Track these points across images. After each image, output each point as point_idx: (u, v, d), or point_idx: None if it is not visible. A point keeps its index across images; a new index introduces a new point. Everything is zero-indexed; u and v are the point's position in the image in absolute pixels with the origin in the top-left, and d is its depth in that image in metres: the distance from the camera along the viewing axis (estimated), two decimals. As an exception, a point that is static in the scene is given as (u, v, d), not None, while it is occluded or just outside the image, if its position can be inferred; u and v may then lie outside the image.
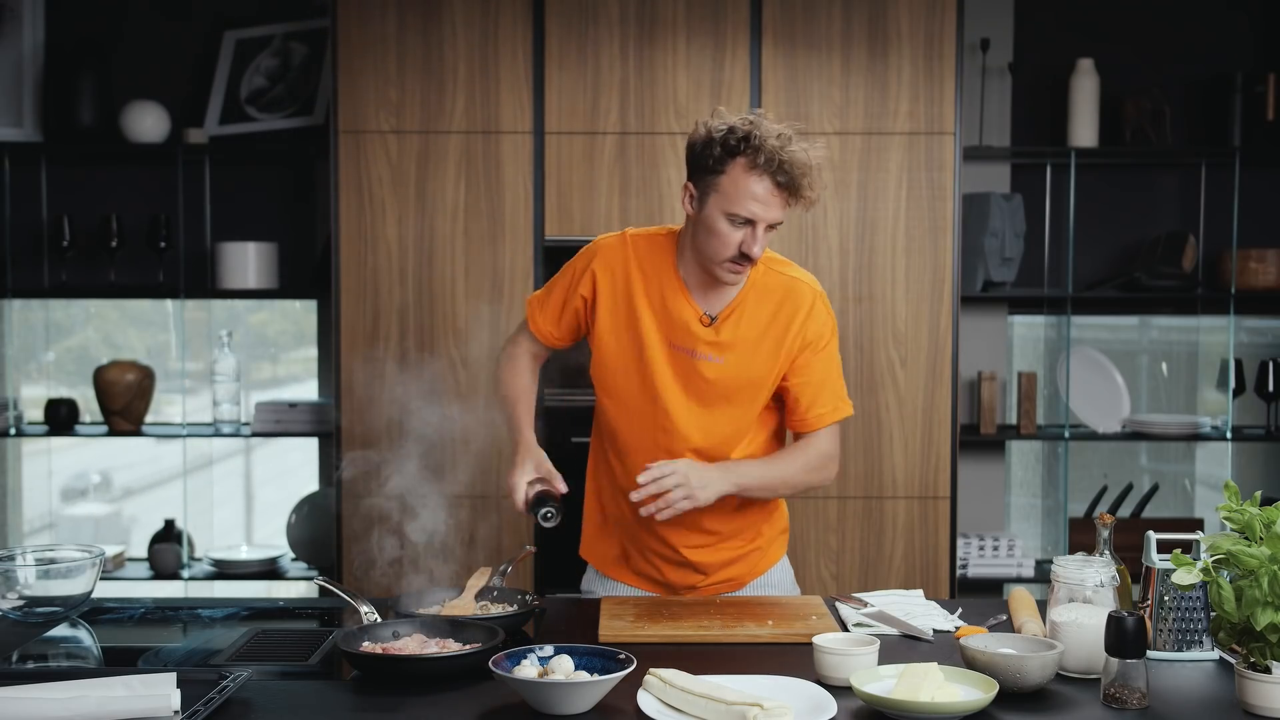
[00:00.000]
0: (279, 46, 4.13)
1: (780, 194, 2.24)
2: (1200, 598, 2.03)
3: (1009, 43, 4.19)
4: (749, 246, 2.25)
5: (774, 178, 2.22)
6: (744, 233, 2.25)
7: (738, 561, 2.49)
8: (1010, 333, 4.34)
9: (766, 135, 2.22)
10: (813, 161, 2.25)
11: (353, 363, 3.63)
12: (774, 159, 2.20)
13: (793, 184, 2.22)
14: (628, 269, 2.40)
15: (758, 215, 2.23)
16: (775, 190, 2.23)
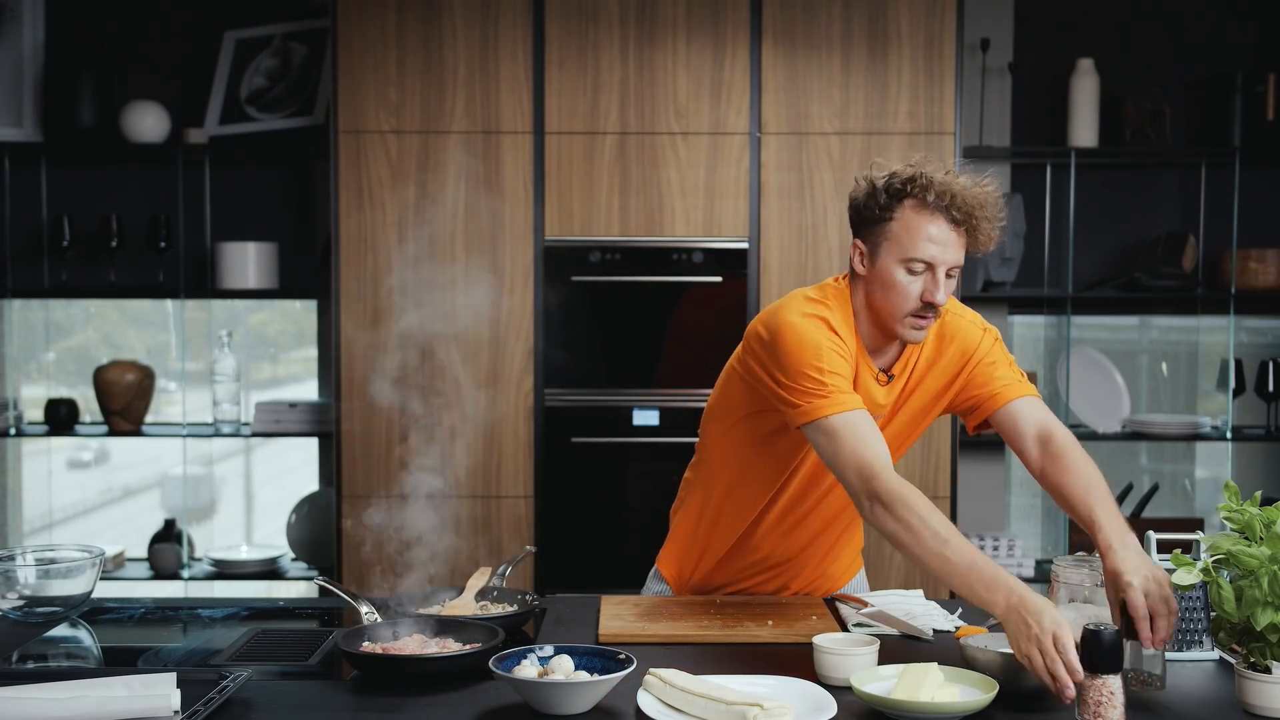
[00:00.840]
0: (279, 46, 4.13)
1: (957, 231, 2.09)
2: (1200, 598, 2.03)
3: (1009, 43, 4.19)
4: (931, 294, 2.08)
5: (947, 214, 2.08)
6: (924, 280, 2.09)
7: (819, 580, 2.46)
8: (1010, 333, 4.34)
9: (933, 172, 2.09)
10: (989, 196, 2.11)
11: (353, 363, 3.63)
12: (945, 193, 2.07)
13: (969, 219, 2.08)
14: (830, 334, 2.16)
15: (936, 258, 2.08)
16: (951, 228, 2.08)
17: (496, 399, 3.63)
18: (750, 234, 3.60)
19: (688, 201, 3.59)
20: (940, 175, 2.09)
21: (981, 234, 2.11)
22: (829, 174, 3.60)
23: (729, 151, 3.59)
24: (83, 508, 4.66)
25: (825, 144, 3.60)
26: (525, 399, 3.63)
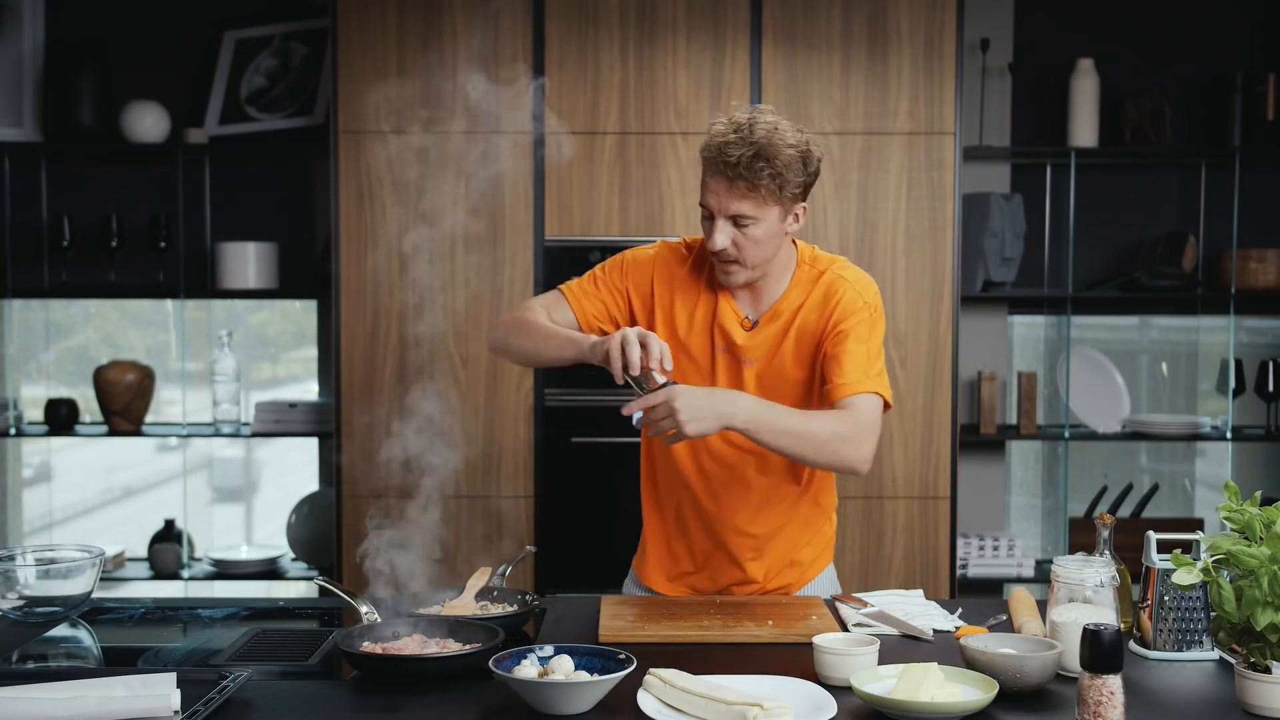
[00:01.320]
0: (279, 46, 4.13)
1: (727, 182, 2.18)
2: (1200, 598, 2.03)
3: (1009, 43, 4.19)
4: (710, 239, 2.22)
5: (717, 163, 2.18)
6: (708, 226, 2.24)
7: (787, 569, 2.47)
8: (1010, 333, 4.34)
9: (718, 123, 2.20)
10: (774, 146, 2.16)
11: (353, 363, 3.63)
12: (711, 145, 2.19)
13: (737, 171, 2.16)
14: (678, 276, 2.37)
15: (710, 205, 2.22)
16: (722, 178, 2.18)
17: (496, 399, 3.63)
18: (750, 234, 3.60)
19: (688, 201, 3.59)
20: (720, 126, 2.19)
21: (757, 185, 2.17)
22: (829, 174, 3.60)
23: (729, 151, 3.59)
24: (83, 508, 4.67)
25: (825, 144, 3.59)
26: (525, 399, 3.63)
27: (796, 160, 2.19)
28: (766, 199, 2.19)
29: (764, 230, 2.22)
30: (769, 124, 2.19)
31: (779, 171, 2.17)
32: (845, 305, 2.29)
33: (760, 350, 2.33)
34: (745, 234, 2.21)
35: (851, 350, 2.26)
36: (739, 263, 2.25)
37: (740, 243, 2.22)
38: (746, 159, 2.15)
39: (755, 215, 2.20)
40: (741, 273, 2.27)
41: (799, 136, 2.21)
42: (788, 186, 2.20)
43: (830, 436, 2.17)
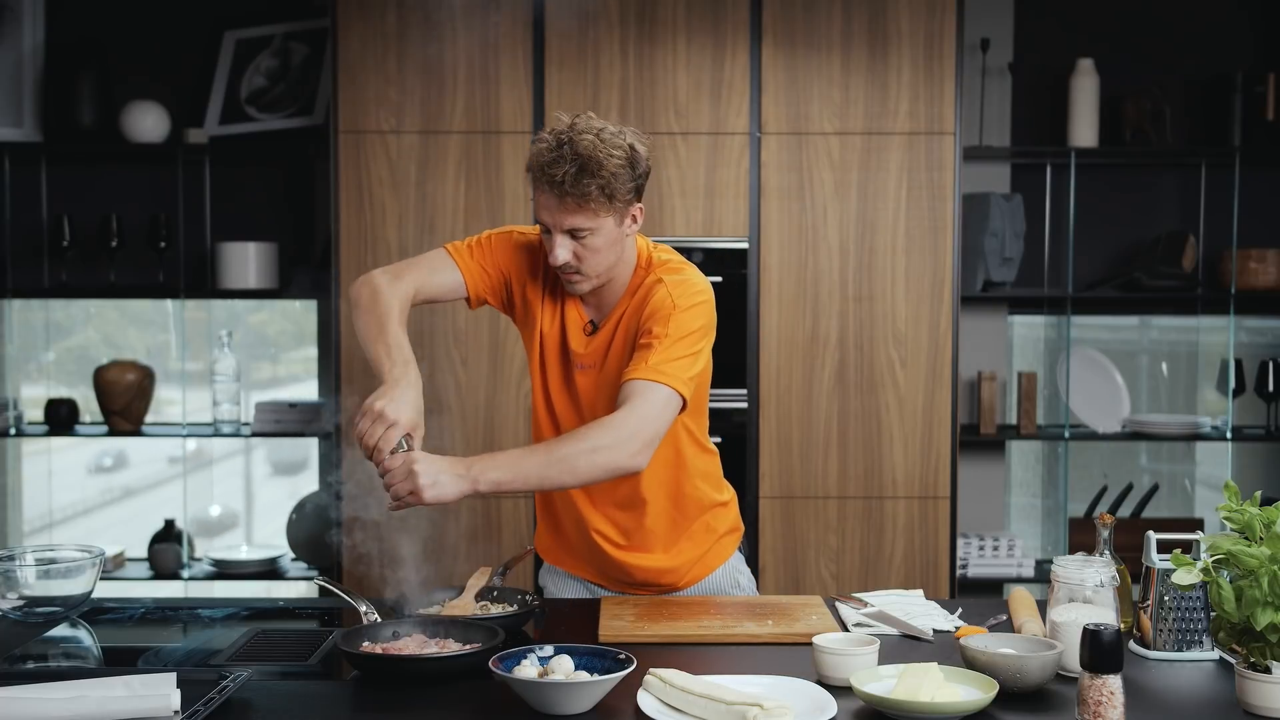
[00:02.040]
0: (279, 46, 4.13)
1: (557, 199, 2.16)
2: (1200, 598, 2.03)
3: (1009, 43, 4.19)
4: (551, 254, 2.21)
5: (544, 181, 2.17)
6: (548, 241, 2.22)
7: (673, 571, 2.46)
8: (1010, 333, 4.34)
9: (542, 137, 2.19)
10: (597, 158, 2.13)
11: (353, 363, 3.63)
12: (536, 163, 2.17)
13: (564, 188, 2.14)
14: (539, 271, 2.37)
15: (545, 221, 2.21)
16: (552, 195, 2.17)
17: (496, 399, 3.63)
18: (750, 234, 3.60)
19: (688, 201, 3.59)
20: (542, 143, 2.17)
21: (593, 199, 2.15)
22: (829, 174, 3.60)
23: (729, 151, 3.59)
24: (83, 508, 4.67)
25: (825, 144, 3.60)
26: (525, 399, 3.63)
27: (623, 167, 2.17)
28: (598, 210, 2.18)
29: (602, 239, 2.21)
30: (590, 135, 2.16)
31: (606, 182, 2.15)
32: (653, 305, 2.26)
33: (593, 357, 2.33)
34: (584, 245, 2.21)
35: (650, 344, 2.22)
36: (581, 273, 2.25)
37: (580, 254, 2.21)
38: (571, 176, 2.14)
39: (591, 226, 2.19)
40: (585, 281, 2.26)
41: (621, 141, 2.18)
42: (618, 194, 2.18)
43: (583, 452, 2.11)
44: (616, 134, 2.19)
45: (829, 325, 3.62)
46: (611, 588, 2.49)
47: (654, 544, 2.42)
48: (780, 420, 3.63)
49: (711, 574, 2.50)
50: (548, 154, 2.16)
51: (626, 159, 2.18)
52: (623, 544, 2.42)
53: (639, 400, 2.16)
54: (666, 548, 2.44)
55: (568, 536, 2.48)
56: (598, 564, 2.46)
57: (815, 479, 3.64)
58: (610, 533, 2.41)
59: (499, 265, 2.38)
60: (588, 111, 2.24)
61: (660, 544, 2.43)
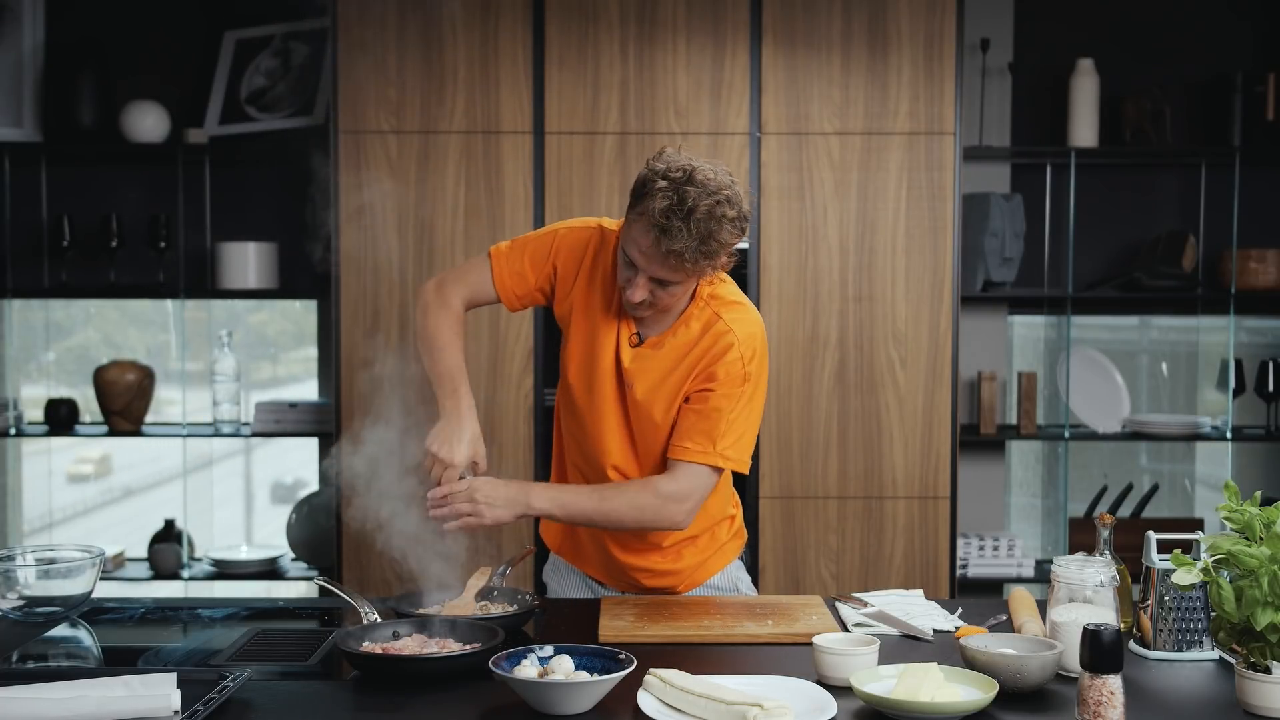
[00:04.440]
0: (279, 46, 4.13)
1: (660, 255, 2.10)
2: (1200, 598, 2.03)
3: (1009, 43, 4.19)
4: (627, 288, 2.17)
5: (655, 237, 2.09)
6: (628, 275, 2.17)
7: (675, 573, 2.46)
8: (1010, 333, 4.34)
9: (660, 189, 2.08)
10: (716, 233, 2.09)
11: (353, 363, 3.63)
12: (653, 213, 2.08)
13: (674, 253, 2.08)
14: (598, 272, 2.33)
15: (637, 261, 2.14)
16: (655, 248, 2.10)
17: (496, 398, 3.63)
18: (750, 234, 3.60)
19: (688, 201, 3.59)
20: (662, 200, 2.07)
21: (685, 267, 2.11)
22: (829, 174, 3.60)
23: (729, 151, 3.59)
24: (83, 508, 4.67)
25: (825, 144, 3.60)
26: (525, 399, 3.63)
27: (736, 235, 2.13)
28: (697, 274, 2.16)
29: (683, 289, 2.20)
30: (710, 202, 2.07)
31: (715, 254, 2.12)
32: (726, 366, 2.23)
33: (643, 376, 2.28)
34: (666, 291, 2.17)
35: (710, 412, 2.23)
36: (654, 310, 2.23)
37: (658, 296, 2.18)
38: (691, 251, 2.08)
39: (679, 280, 2.16)
40: (655, 321, 2.27)
41: (736, 207, 2.11)
42: (719, 263, 2.15)
43: (631, 510, 2.24)
44: (730, 187, 2.11)
45: (829, 325, 3.62)
46: (613, 586, 2.49)
47: (659, 550, 2.43)
48: (780, 420, 3.63)
49: (711, 578, 2.51)
50: (667, 219, 2.07)
51: (739, 228, 2.13)
52: (631, 545, 2.42)
53: (697, 480, 2.25)
54: (671, 554, 2.45)
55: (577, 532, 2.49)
56: (602, 561, 2.47)
57: (815, 479, 3.64)
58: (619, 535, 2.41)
59: (537, 269, 2.34)
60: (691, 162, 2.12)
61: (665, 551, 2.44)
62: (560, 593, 2.56)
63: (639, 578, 2.45)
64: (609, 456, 2.35)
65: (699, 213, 2.07)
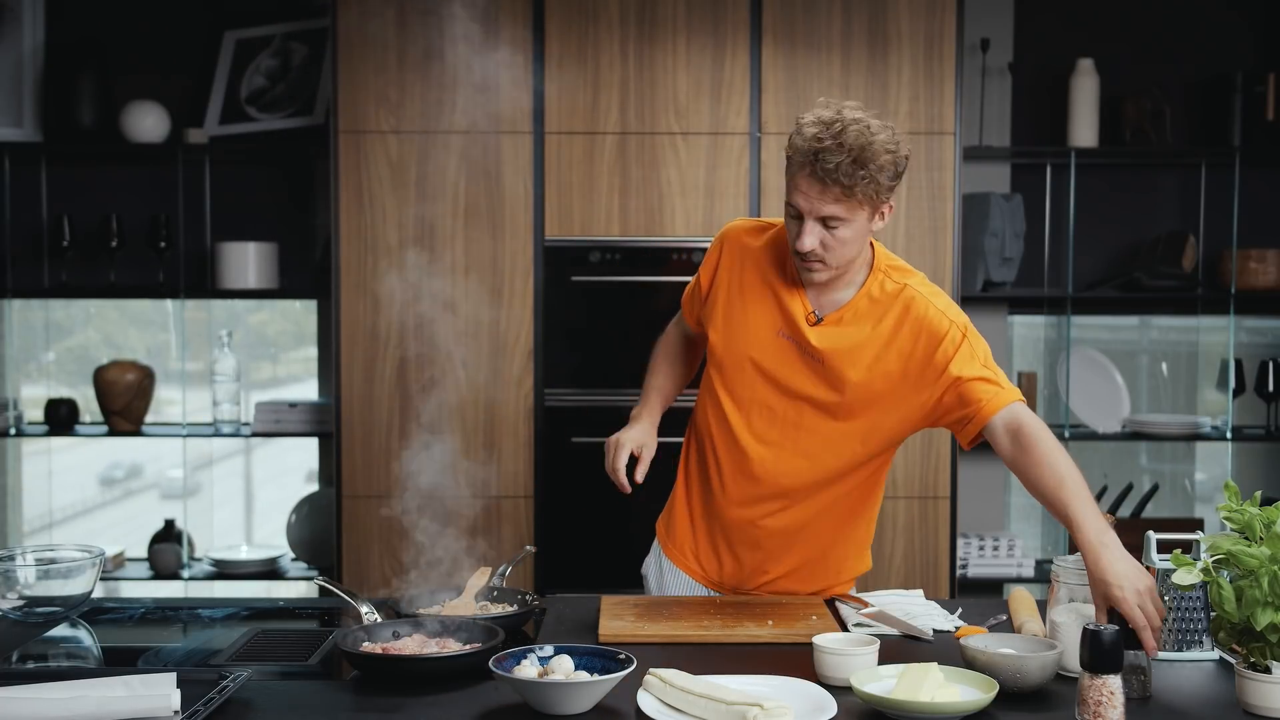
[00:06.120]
0: (279, 46, 4.13)
1: (820, 185, 2.13)
2: (1200, 598, 2.03)
3: (1009, 43, 4.19)
4: (797, 240, 2.19)
5: (811, 167, 2.14)
6: (795, 227, 2.20)
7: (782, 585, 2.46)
8: (1010, 333, 4.34)
9: (808, 124, 2.16)
10: (871, 150, 2.12)
11: (353, 363, 3.63)
12: (804, 148, 2.14)
13: (834, 177, 2.11)
14: (750, 256, 2.36)
15: (801, 207, 2.17)
16: (815, 181, 2.14)
17: (496, 399, 3.63)
18: (750, 234, 3.60)
19: (688, 201, 3.59)
20: (811, 128, 2.15)
21: (859, 191, 2.14)
22: (829, 174, 3.59)
23: (729, 151, 3.60)
24: (83, 508, 4.67)
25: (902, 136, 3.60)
26: (525, 399, 3.63)
27: (891, 163, 2.15)
28: (861, 202, 2.15)
29: (853, 231, 2.19)
30: (860, 126, 2.14)
31: (874, 176, 2.13)
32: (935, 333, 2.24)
33: (831, 352, 2.27)
34: (834, 235, 2.18)
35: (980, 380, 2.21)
36: (824, 262, 2.22)
37: (828, 243, 2.19)
38: (846, 165, 2.11)
39: (846, 217, 2.17)
40: (825, 272, 2.23)
41: (891, 137, 2.16)
42: (882, 189, 2.16)
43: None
44: (884, 128, 2.17)
45: (829, 325, 3.62)
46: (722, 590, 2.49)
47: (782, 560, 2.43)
48: (780, 420, 3.63)
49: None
50: (819, 141, 2.13)
51: (896, 155, 2.16)
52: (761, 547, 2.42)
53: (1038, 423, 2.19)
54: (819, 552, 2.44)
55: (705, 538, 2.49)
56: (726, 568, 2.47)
57: (815, 479, 3.64)
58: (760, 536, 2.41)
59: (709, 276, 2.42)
60: (847, 102, 2.20)
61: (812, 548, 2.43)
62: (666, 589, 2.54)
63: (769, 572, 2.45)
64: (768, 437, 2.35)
65: (849, 133, 2.12)
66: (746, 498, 2.38)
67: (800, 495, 2.35)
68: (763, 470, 2.35)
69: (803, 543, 2.41)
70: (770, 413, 2.33)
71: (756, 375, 2.33)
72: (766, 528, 2.38)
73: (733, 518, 2.41)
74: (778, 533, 2.39)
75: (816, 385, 2.29)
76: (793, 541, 2.40)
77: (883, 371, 2.26)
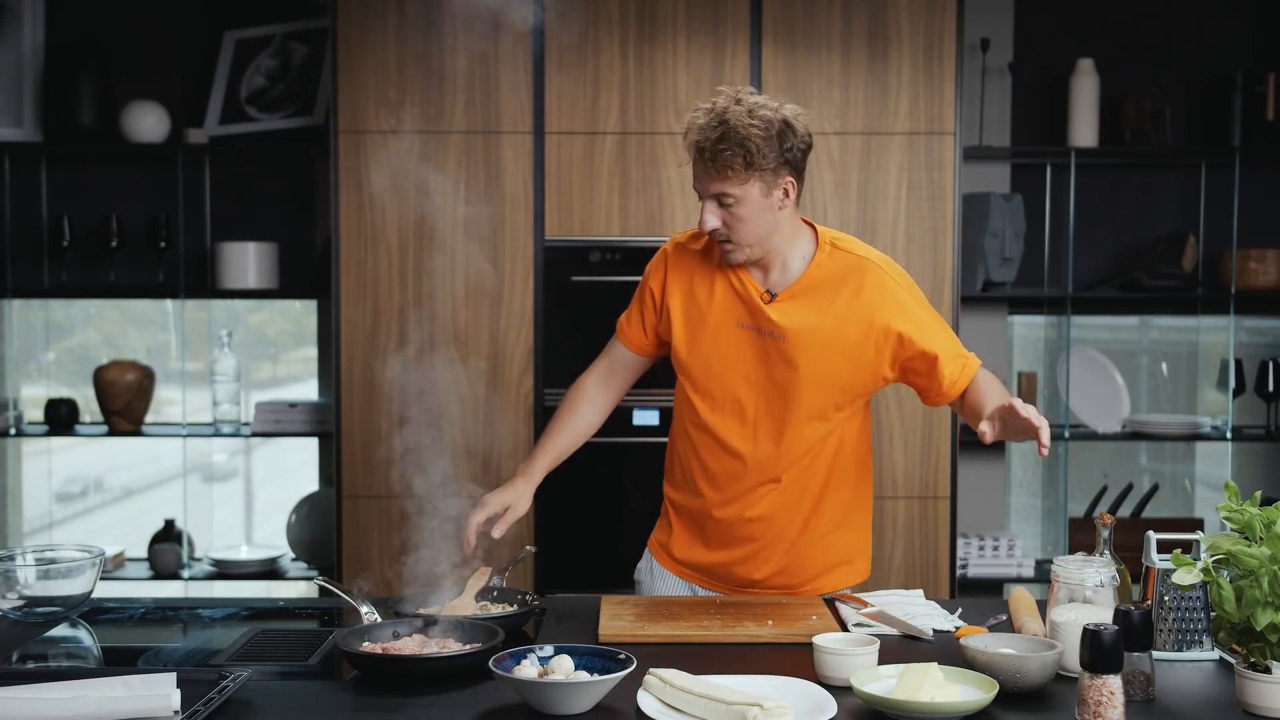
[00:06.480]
0: (279, 46, 4.13)
1: (705, 166, 2.27)
2: (1200, 598, 2.03)
3: (1009, 43, 4.19)
4: (702, 219, 2.32)
5: (696, 150, 2.28)
6: (702, 210, 2.33)
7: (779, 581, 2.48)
8: (1010, 333, 4.34)
9: (694, 114, 2.29)
10: (740, 126, 2.23)
11: (353, 363, 3.63)
12: (690, 135, 2.29)
13: (705, 152, 2.25)
14: (693, 257, 2.46)
15: (697, 190, 2.32)
16: (700, 162, 2.28)
17: (496, 398, 3.63)
18: (750, 234, 3.60)
19: (688, 201, 3.59)
20: (691, 114, 2.29)
21: (737, 166, 2.24)
22: (829, 174, 3.60)
23: (729, 151, 3.59)
24: (83, 508, 4.67)
25: (825, 144, 3.60)
26: (525, 399, 3.63)
27: (765, 138, 2.24)
28: (742, 178, 2.25)
29: (749, 209, 2.28)
30: (740, 108, 2.25)
31: (748, 150, 2.23)
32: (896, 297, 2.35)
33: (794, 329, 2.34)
34: (732, 213, 2.29)
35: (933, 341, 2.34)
36: (733, 241, 2.32)
37: (729, 221, 2.30)
38: (712, 142, 2.24)
39: (736, 194, 2.27)
40: (739, 250, 2.34)
41: (769, 114, 2.25)
42: (759, 163, 2.24)
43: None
44: (767, 106, 2.27)
45: (829, 325, 3.62)
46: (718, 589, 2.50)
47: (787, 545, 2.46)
48: (780, 420, 3.63)
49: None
50: (696, 125, 2.28)
51: (771, 130, 2.25)
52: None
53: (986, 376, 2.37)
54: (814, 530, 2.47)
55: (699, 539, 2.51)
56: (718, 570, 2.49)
57: (815, 479, 3.64)
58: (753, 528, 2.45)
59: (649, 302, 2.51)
60: (751, 89, 2.33)
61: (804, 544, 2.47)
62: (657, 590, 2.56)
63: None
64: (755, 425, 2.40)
65: (729, 115, 2.24)
66: (732, 494, 2.42)
67: (785, 482, 2.40)
68: (744, 465, 2.40)
69: (792, 534, 2.43)
70: (742, 405, 2.40)
71: (724, 370, 2.40)
72: (755, 520, 2.42)
73: (720, 516, 2.44)
74: (766, 525, 2.42)
75: (782, 367, 2.36)
76: (782, 533, 2.42)
77: (843, 340, 2.34)
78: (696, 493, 2.47)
